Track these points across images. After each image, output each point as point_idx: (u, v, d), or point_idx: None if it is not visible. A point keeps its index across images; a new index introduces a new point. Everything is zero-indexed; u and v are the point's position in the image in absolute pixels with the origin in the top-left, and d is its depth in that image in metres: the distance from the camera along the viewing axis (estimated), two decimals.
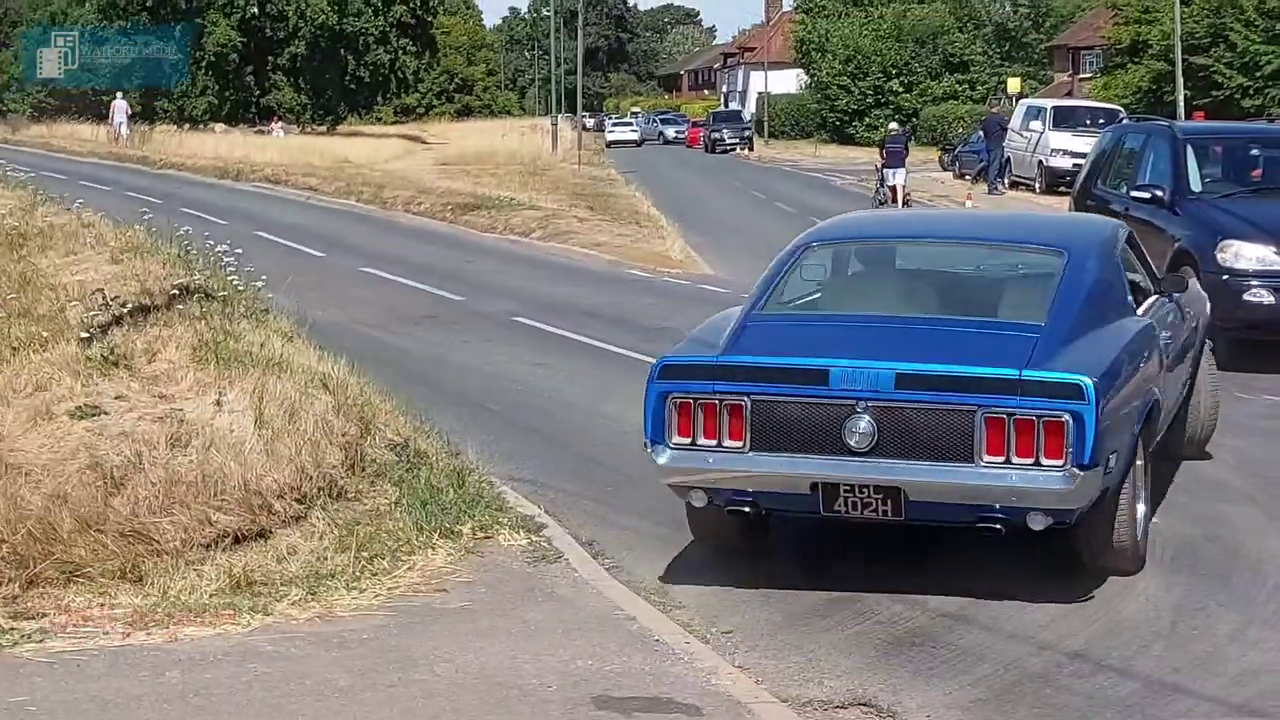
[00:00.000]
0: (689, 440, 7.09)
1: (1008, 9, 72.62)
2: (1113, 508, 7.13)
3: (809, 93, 75.15)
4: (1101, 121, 30.89)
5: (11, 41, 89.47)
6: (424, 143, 62.50)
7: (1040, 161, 35.26)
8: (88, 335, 9.17)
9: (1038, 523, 6.85)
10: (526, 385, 12.80)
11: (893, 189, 32.84)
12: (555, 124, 54.85)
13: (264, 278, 12.69)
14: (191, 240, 13.86)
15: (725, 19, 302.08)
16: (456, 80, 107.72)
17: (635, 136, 78.12)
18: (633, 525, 8.41)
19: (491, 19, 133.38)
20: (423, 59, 76.55)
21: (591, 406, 11.87)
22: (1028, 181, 36.02)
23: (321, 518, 7.48)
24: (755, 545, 7.79)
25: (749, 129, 69.32)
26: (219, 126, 63.19)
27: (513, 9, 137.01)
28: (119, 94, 55.29)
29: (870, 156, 43.55)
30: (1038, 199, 33.62)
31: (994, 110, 41.46)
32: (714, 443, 7.06)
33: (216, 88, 69.00)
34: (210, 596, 6.59)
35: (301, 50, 68.66)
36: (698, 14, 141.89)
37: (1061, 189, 29.95)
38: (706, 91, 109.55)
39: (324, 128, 70.03)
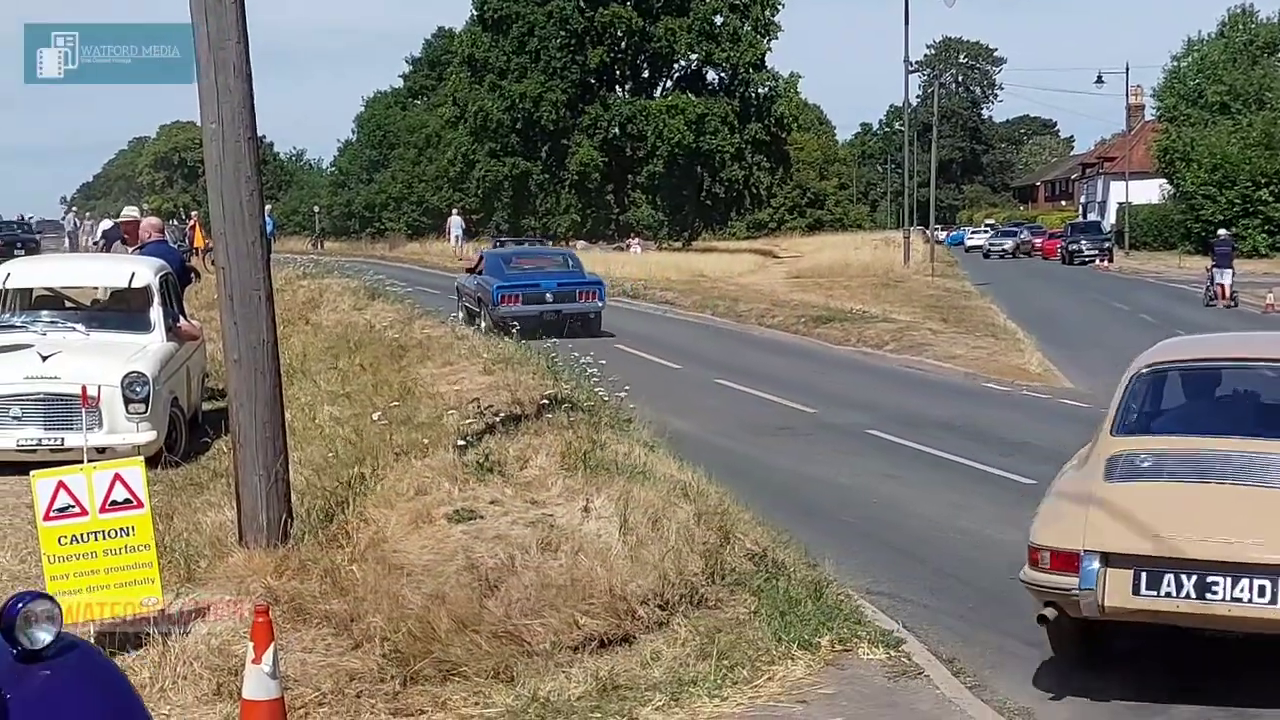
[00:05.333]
0: (509, 306, 26.27)
1: None
2: None
3: (1172, 203, 72.72)
4: None
5: (389, 162, 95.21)
6: (776, 257, 63.23)
7: None
8: (464, 443, 9.63)
9: (597, 313, 27.99)
10: (880, 498, 12.74)
11: (1220, 287, 38.02)
12: (908, 237, 54.72)
13: (626, 388, 13.07)
14: (557, 352, 14.40)
15: (1084, 129, 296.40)
16: (808, 195, 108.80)
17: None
18: (996, 642, 8.25)
19: (844, 134, 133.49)
20: (776, 175, 77.59)
21: (947, 521, 11.71)
22: None
23: (683, 625, 7.58)
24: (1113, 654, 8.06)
25: (1109, 240, 67.44)
26: (580, 243, 65.50)
27: (864, 124, 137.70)
28: (454, 211, 59.51)
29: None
30: None
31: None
32: (518, 305, 26.28)
33: (579, 205, 71.76)
34: (578, 699, 6.72)
35: (659, 169, 70.66)
36: (1055, 124, 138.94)
37: None
38: (1064, 202, 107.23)
39: (679, 243, 71.74)
